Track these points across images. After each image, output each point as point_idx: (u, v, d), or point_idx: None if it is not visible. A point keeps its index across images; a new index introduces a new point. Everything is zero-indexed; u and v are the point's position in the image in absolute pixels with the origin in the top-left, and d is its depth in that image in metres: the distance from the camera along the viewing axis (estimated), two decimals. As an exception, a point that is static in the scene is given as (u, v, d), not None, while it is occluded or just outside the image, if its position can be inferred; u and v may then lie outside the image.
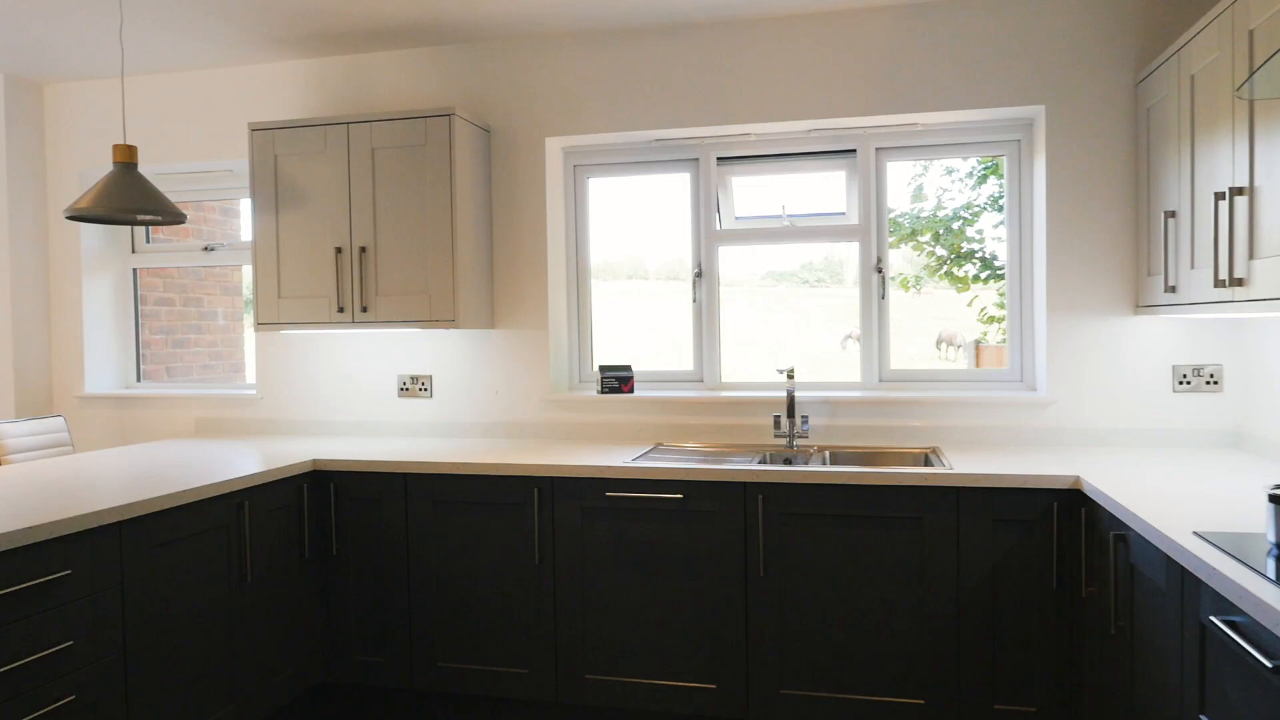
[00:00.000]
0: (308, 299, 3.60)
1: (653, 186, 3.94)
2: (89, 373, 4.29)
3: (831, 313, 5.09)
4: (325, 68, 3.95)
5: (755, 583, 2.93)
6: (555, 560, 3.09)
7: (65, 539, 2.26)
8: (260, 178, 3.64)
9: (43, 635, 2.19)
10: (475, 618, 3.17)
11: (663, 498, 2.98)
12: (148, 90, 4.16)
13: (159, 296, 5.06)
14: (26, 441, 3.63)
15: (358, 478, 3.25)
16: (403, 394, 3.91)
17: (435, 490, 3.18)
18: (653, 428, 3.65)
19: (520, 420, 3.78)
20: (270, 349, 4.08)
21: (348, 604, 3.28)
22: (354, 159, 3.53)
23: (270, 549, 3.05)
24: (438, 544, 3.20)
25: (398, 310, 3.51)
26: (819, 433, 3.52)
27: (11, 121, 4.14)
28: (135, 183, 3.06)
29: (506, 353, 3.80)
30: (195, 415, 4.16)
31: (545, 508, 3.09)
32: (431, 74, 3.84)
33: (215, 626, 2.79)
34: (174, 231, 5.10)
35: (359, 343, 3.96)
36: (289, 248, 3.62)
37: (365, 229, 3.53)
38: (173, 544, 2.63)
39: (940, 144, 3.58)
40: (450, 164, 3.45)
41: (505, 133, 3.78)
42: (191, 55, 3.89)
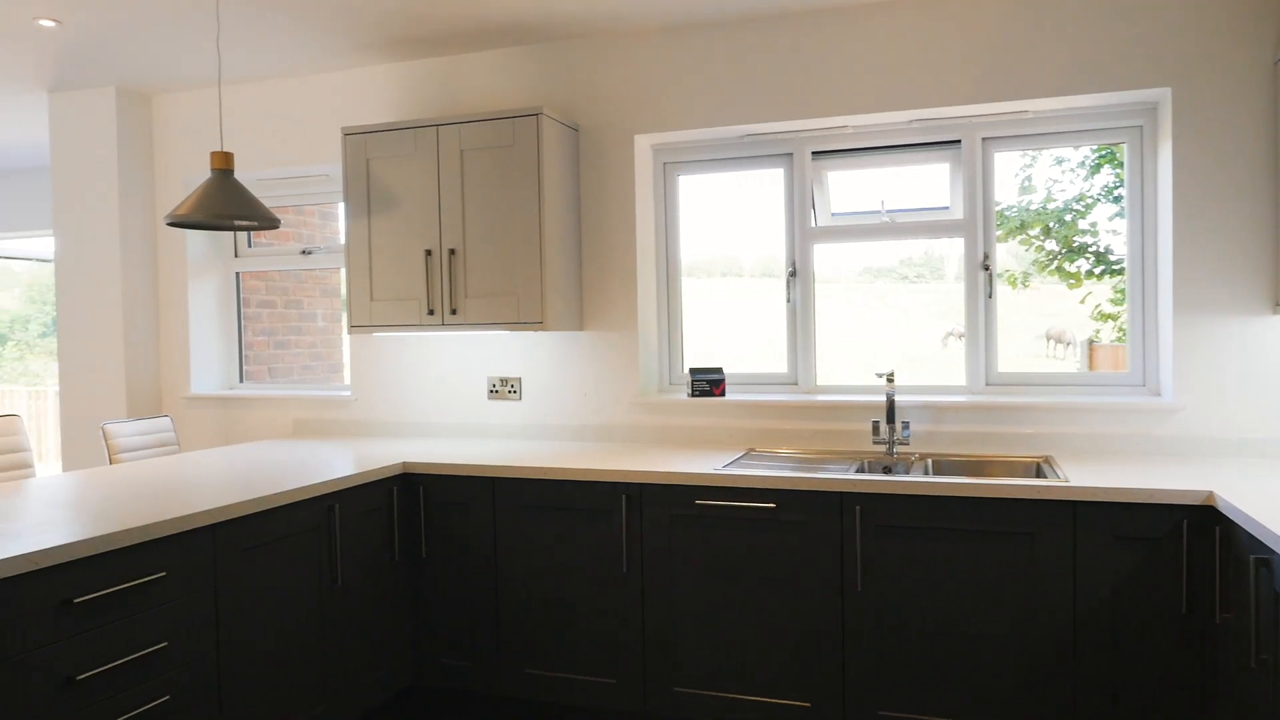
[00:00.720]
0: (399, 301, 3.61)
1: (746, 182, 3.82)
2: (194, 374, 4.43)
3: (931, 309, 4.86)
4: (415, 71, 3.97)
5: (852, 598, 2.79)
6: (643, 568, 3.01)
7: (161, 541, 2.30)
8: (353, 181, 3.67)
9: (138, 636, 2.23)
10: (563, 625, 3.12)
11: (754, 507, 2.87)
12: (247, 98, 4.26)
13: (261, 299, 5.19)
14: (135, 441, 3.75)
15: (446, 481, 3.24)
16: (492, 396, 3.90)
17: (523, 494, 3.14)
18: (744, 433, 3.53)
19: (609, 423, 3.72)
20: (364, 351, 4.12)
21: (436, 608, 3.28)
22: (443, 161, 3.53)
23: (360, 552, 3.06)
24: (525, 549, 3.16)
25: (486, 312, 3.49)
26: (920, 439, 3.34)
27: (123, 132, 4.29)
28: (232, 189, 3.11)
29: (595, 355, 3.75)
30: (293, 416, 4.23)
31: (633, 514, 3.01)
32: (519, 74, 3.81)
33: (306, 628, 2.81)
34: (274, 235, 5.23)
35: (449, 345, 3.97)
36: (380, 251, 3.64)
37: (454, 231, 3.52)
38: (265, 546, 2.65)
39: (1053, 132, 3.35)
40: (538, 164, 3.40)
41: (594, 131, 3.72)
42: (288, 62, 3.95)
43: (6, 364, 11.32)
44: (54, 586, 2.03)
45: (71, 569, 2.07)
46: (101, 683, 2.13)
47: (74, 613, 2.07)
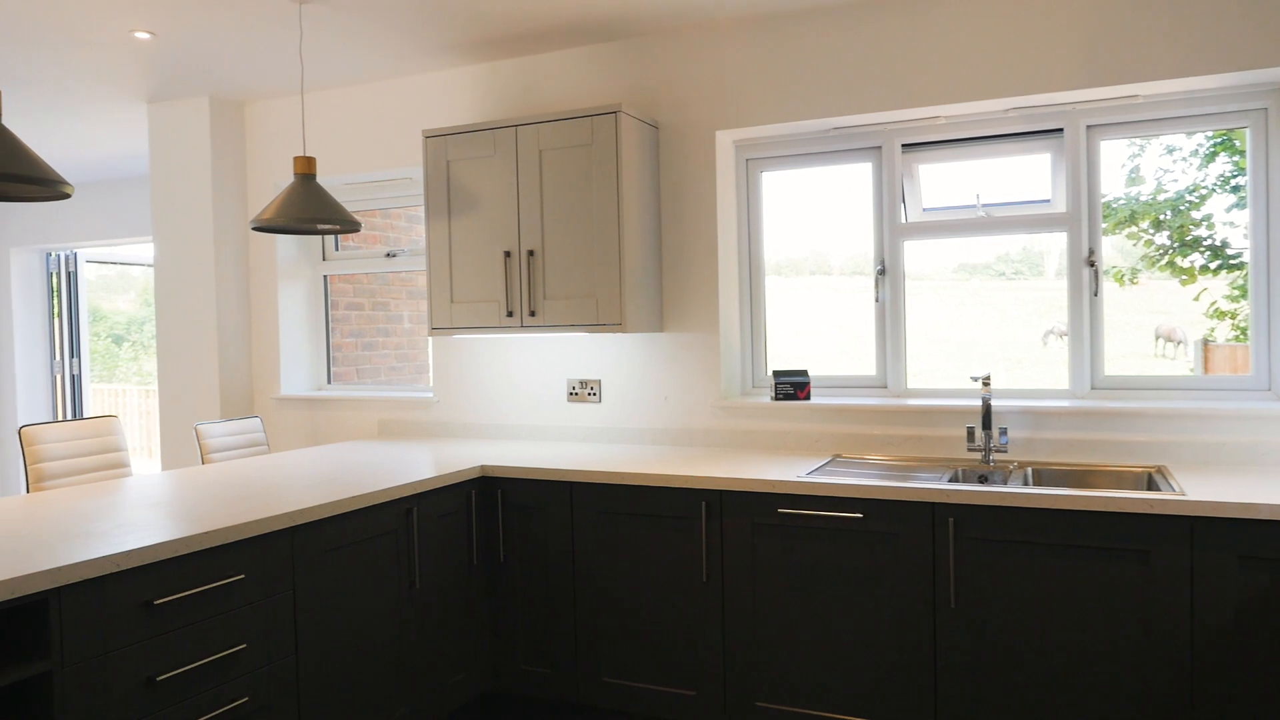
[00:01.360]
0: (478, 303, 3.60)
1: (833, 178, 3.68)
2: (284, 376, 4.52)
3: (1031, 307, 4.63)
4: (495, 72, 3.95)
5: (945, 615, 2.64)
6: (724, 578, 2.91)
7: (240, 544, 2.31)
8: (433, 184, 3.68)
9: (218, 638, 2.24)
10: (641, 634, 3.05)
11: (840, 516, 2.74)
12: (333, 104, 4.32)
13: (349, 301, 5.28)
14: (226, 441, 3.84)
15: (524, 484, 3.21)
16: (572, 398, 3.85)
17: (600, 500, 3.08)
18: (830, 438, 3.40)
19: (690, 427, 3.63)
20: (445, 353, 4.14)
21: (515, 613, 3.24)
22: (522, 161, 3.50)
23: (439, 555, 3.05)
24: (603, 555, 3.10)
25: (565, 314, 3.44)
26: (1019, 447, 3.16)
27: (216, 140, 4.41)
28: (313, 193, 3.14)
29: (676, 357, 3.66)
30: (378, 417, 4.28)
31: (713, 522, 2.92)
32: (599, 72, 3.75)
33: (384, 632, 2.81)
34: (361, 239, 5.31)
35: (529, 347, 3.94)
36: (460, 252, 3.64)
37: (533, 232, 3.49)
38: (343, 549, 2.66)
39: (1165, 118, 3.12)
40: (616, 162, 3.34)
41: (674, 128, 3.63)
42: (372, 68, 3.99)
43: (123, 364, 11.89)
44: (136, 588, 2.05)
45: (153, 570, 2.09)
46: (182, 683, 2.15)
47: (155, 614, 2.09)
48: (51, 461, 3.17)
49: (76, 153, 5.58)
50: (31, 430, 3.14)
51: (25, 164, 2.15)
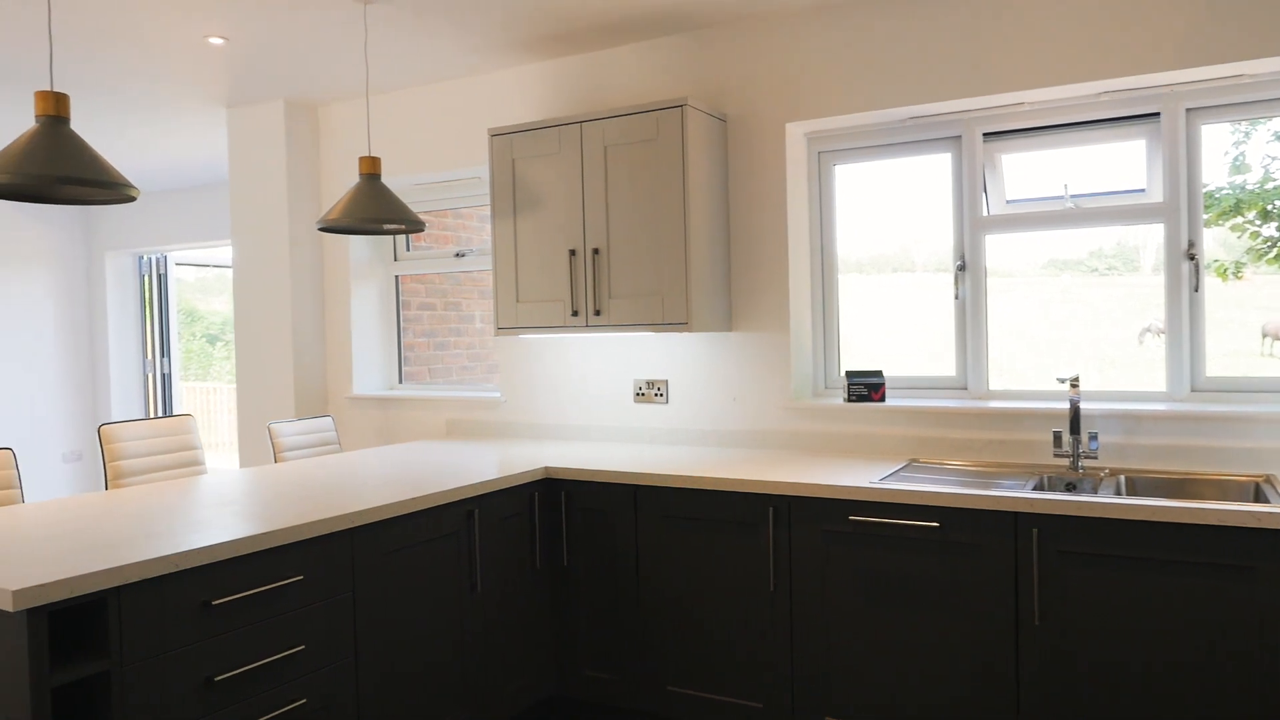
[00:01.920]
0: (543, 303, 3.56)
1: (912, 170, 3.52)
2: (356, 375, 4.56)
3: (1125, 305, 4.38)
4: (561, 69, 3.91)
5: (1028, 633, 2.48)
6: (792, 587, 2.80)
7: (298, 545, 2.30)
8: (499, 182, 3.65)
9: (276, 638, 2.24)
10: (707, 642, 2.96)
11: (915, 525, 2.61)
12: (402, 104, 4.34)
13: (421, 301, 5.31)
14: (298, 440, 3.88)
15: (588, 487, 3.15)
16: (639, 399, 3.78)
17: (665, 503, 3.00)
18: (906, 441, 3.25)
19: (760, 429, 3.52)
20: (511, 352, 4.11)
21: (578, 617, 3.19)
22: (587, 158, 3.44)
23: (501, 558, 3.01)
24: (667, 560, 3.01)
25: (630, 313, 3.37)
26: (1111, 452, 2.96)
27: (291, 142, 4.47)
28: (379, 193, 3.14)
29: (745, 357, 3.56)
30: (447, 416, 4.28)
31: (781, 529, 2.81)
32: (665, 66, 3.67)
33: (446, 634, 2.78)
34: (432, 239, 5.34)
35: (595, 346, 3.89)
36: (526, 251, 3.60)
37: (598, 230, 3.43)
38: (403, 550, 2.64)
39: (1274, 98, 2.89)
40: (683, 157, 3.25)
41: (742, 121, 3.53)
42: (439, 68, 3.99)
43: (217, 363, 12.31)
44: (194, 588, 2.06)
45: (211, 571, 2.09)
46: (240, 684, 2.15)
47: (213, 614, 2.10)
48: (129, 459, 3.24)
49: (167, 158, 5.76)
50: (110, 429, 3.22)
51: (91, 168, 2.18)
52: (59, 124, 2.21)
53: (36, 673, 1.78)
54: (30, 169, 2.09)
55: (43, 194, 2.30)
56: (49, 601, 1.78)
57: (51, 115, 2.20)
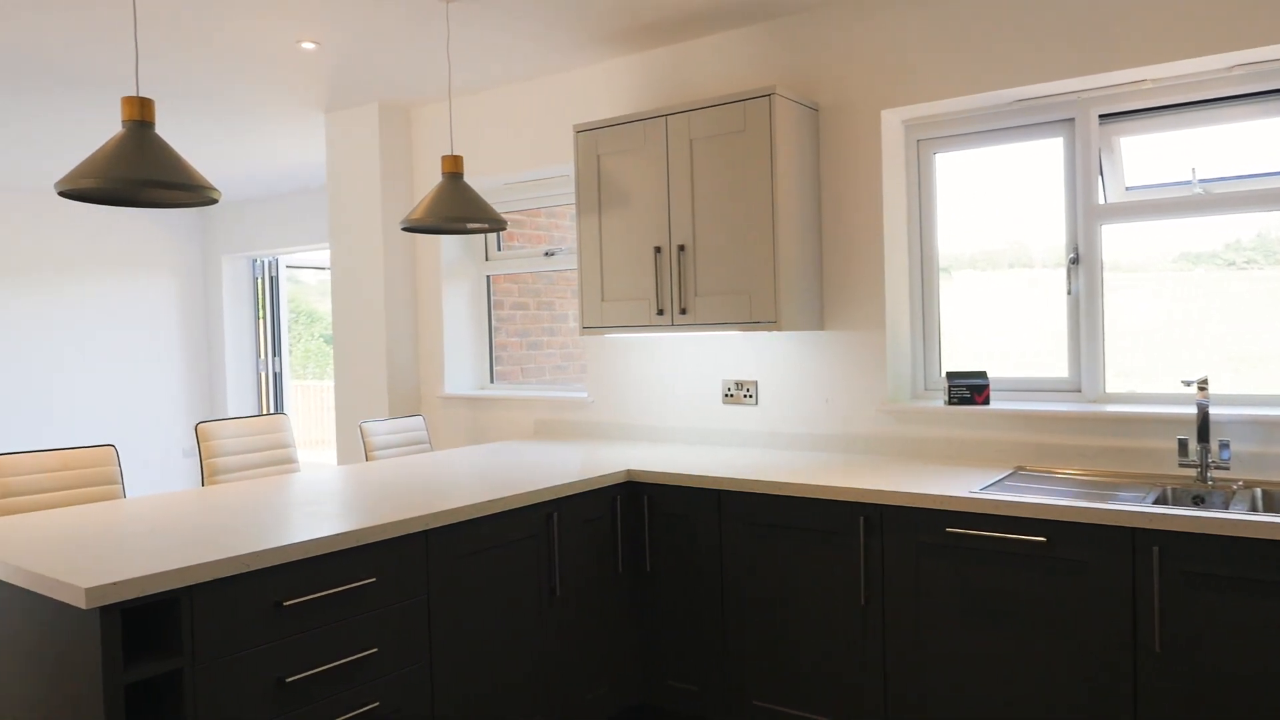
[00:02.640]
0: (629, 301, 3.48)
1: (1020, 157, 3.29)
2: (448, 375, 4.59)
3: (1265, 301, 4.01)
4: (646, 63, 3.82)
5: (1148, 659, 2.25)
6: (884, 602, 2.64)
7: (371, 546, 2.28)
8: (584, 179, 3.59)
9: (348, 641, 2.22)
10: (794, 656, 2.82)
11: (1020, 539, 2.41)
12: (491, 104, 4.34)
13: (514, 301, 5.32)
14: (388, 439, 3.91)
15: (671, 491, 3.05)
16: (727, 400, 3.66)
17: (750, 509, 2.88)
18: (1012, 448, 3.03)
19: (853, 433, 3.35)
20: (598, 352, 4.05)
21: (662, 625, 3.09)
22: (672, 153, 3.34)
23: (582, 562, 2.94)
24: (753, 569, 2.89)
25: (717, 311, 3.26)
26: (1245, 463, 2.68)
27: (384, 145, 4.53)
28: (461, 192, 3.12)
29: (838, 357, 3.39)
30: (535, 416, 4.25)
31: (873, 539, 2.65)
32: (753, 55, 3.54)
33: (524, 640, 2.73)
34: (526, 238, 5.34)
35: (684, 346, 3.78)
36: (611, 249, 3.53)
37: (684, 226, 3.33)
38: (481, 553, 2.60)
39: None
40: (771, 149, 3.12)
41: (835, 109, 3.36)
42: (525, 66, 3.96)
43: (328, 361, 12.76)
44: (266, 588, 2.05)
45: (283, 571, 2.09)
46: (312, 686, 2.14)
47: (285, 615, 2.09)
48: (224, 457, 3.32)
49: (276, 163, 5.95)
50: (206, 427, 3.30)
51: (173, 170, 2.21)
52: (144, 128, 2.25)
53: (109, 670, 1.79)
54: (116, 173, 2.13)
55: (129, 198, 2.35)
56: (121, 600, 1.79)
57: (136, 120, 2.24)
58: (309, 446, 8.90)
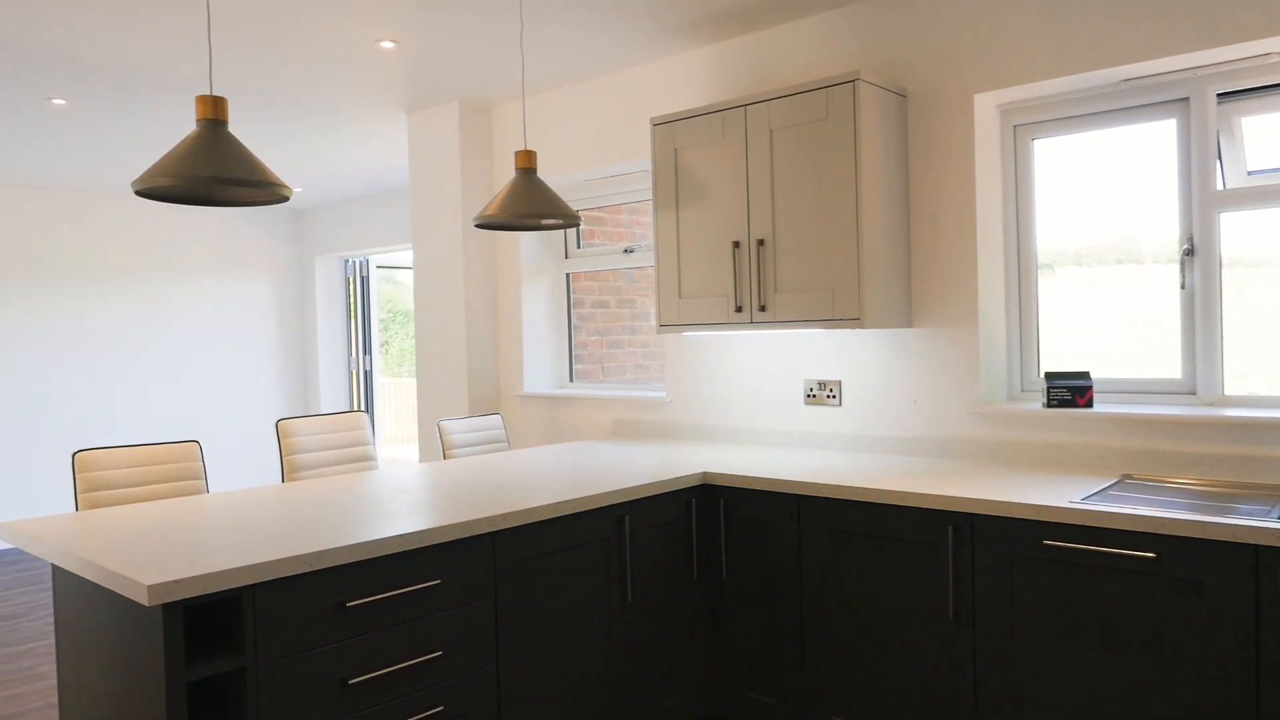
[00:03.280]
0: (706, 298, 3.37)
1: (1127, 142, 3.05)
2: (527, 373, 4.56)
3: None
4: (725, 53, 3.70)
5: (1273, 691, 2.04)
6: (975, 618, 2.47)
7: (435, 548, 2.24)
8: (661, 173, 3.50)
9: (412, 643, 2.19)
10: (876, 672, 2.67)
11: (1125, 555, 2.22)
12: (567, 100, 4.29)
13: (595, 299, 5.27)
14: (466, 438, 3.91)
15: (748, 495, 2.94)
16: (809, 401, 3.52)
17: (831, 516, 2.74)
18: (1117, 454, 2.81)
19: (943, 436, 3.18)
20: (677, 351, 3.96)
21: (738, 634, 2.98)
22: (751, 144, 3.22)
23: (655, 567, 2.85)
24: (834, 578, 2.75)
25: (798, 309, 3.13)
26: (1388, 474, 2.42)
27: (465, 143, 4.54)
28: (533, 188, 3.07)
29: (926, 355, 3.22)
30: (613, 416, 4.19)
31: (963, 551, 2.48)
32: (837, 40, 3.39)
33: (594, 646, 2.66)
34: (606, 235, 5.28)
35: (764, 344, 3.66)
36: (688, 245, 3.43)
37: (763, 220, 3.21)
38: (549, 555, 2.53)
39: None
40: (854, 137, 2.97)
41: (924, 95, 3.19)
42: (602, 60, 3.89)
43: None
44: (329, 588, 2.03)
45: (345, 572, 2.06)
46: (374, 688, 2.11)
47: (348, 616, 2.06)
48: (303, 454, 3.35)
49: (364, 164, 6.05)
50: (286, 424, 3.34)
51: (245, 168, 2.21)
52: (217, 127, 2.26)
53: (171, 667, 1.79)
54: (189, 171, 2.14)
55: (204, 196, 2.37)
56: (183, 597, 1.78)
57: (210, 119, 2.25)
58: (399, 443, 9.06)
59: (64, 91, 4.13)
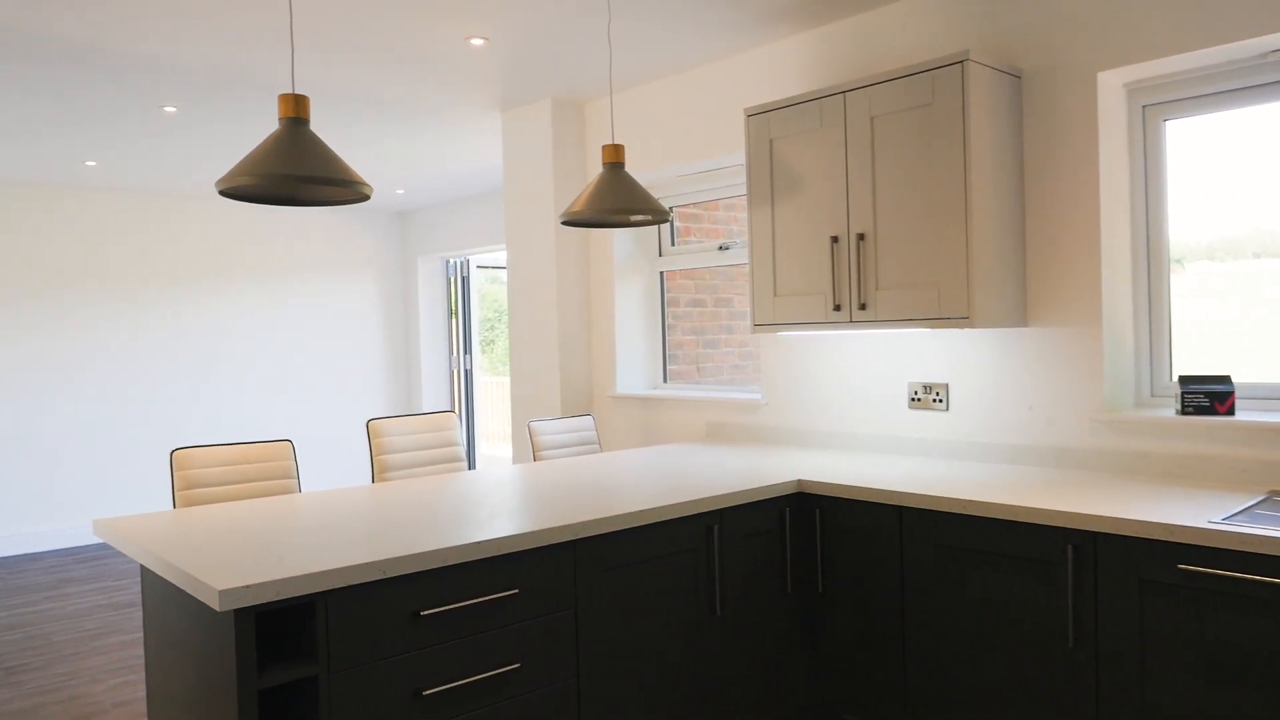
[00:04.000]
0: (803, 296, 3.21)
1: (1271, 122, 2.75)
2: (620, 374, 4.48)
3: None
4: (822, 39, 3.53)
5: None
6: (1098, 648, 2.24)
7: (514, 556, 2.17)
8: (756, 166, 3.36)
9: (489, 654, 2.11)
10: (987, 701, 2.47)
11: (1273, 582, 1.96)
12: (660, 93, 4.18)
13: (691, 298, 5.15)
14: (557, 439, 3.84)
15: (846, 505, 2.77)
16: (914, 405, 3.32)
17: (937, 530, 2.55)
18: (1264, 468, 2.52)
19: (1061, 445, 2.93)
20: (773, 351, 3.80)
21: (835, 651, 2.82)
22: (851, 132, 3.05)
23: (745, 579, 2.72)
24: (939, 596, 2.56)
25: (901, 307, 2.94)
26: None
27: (557, 141, 4.48)
28: (621, 183, 2.97)
29: (1043, 357, 2.98)
30: (707, 418, 4.06)
31: (1084, 572, 2.26)
32: (945, 19, 3.17)
33: (681, 661, 2.54)
34: (702, 232, 5.16)
35: (864, 344, 3.47)
36: (784, 240, 3.28)
37: (863, 213, 3.03)
38: (633, 565, 2.43)
39: None
40: (963, 122, 2.76)
41: (1040, 75, 2.95)
42: (694, 51, 3.76)
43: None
44: (403, 596, 1.97)
45: (420, 580, 2.00)
46: (449, 700, 2.04)
47: (423, 625, 2.00)
48: (393, 454, 3.34)
49: (463, 164, 6.09)
50: (376, 424, 3.34)
51: (325, 166, 2.18)
52: (298, 125, 2.24)
53: (243, 674, 1.76)
54: (270, 170, 2.12)
55: (287, 195, 2.36)
56: (255, 603, 1.75)
57: (291, 117, 2.23)
58: (500, 440, 9.14)
59: (174, 98, 4.27)
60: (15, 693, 3.71)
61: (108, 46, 3.52)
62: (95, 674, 3.90)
